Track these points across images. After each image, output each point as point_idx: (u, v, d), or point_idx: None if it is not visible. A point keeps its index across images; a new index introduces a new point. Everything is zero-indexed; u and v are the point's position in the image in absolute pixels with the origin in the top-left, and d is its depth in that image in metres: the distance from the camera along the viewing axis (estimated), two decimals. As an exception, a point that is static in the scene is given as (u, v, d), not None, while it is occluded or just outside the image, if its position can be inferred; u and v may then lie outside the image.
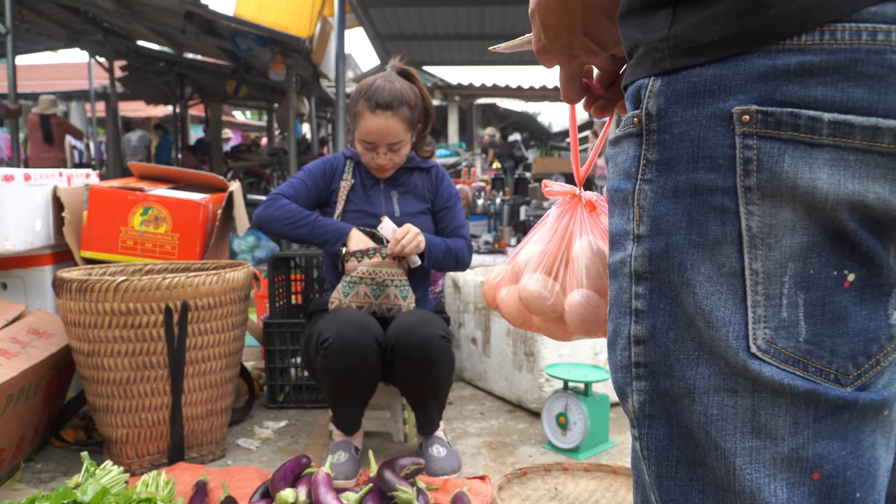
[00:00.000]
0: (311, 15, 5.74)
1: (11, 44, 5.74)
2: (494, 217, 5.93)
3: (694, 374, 0.53)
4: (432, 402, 1.98)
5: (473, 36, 7.61)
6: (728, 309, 0.51)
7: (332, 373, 1.82)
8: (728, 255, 0.51)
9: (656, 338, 0.55)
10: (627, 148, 0.56)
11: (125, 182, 2.64)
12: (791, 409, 0.50)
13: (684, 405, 0.54)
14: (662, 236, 0.53)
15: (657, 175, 0.54)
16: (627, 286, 0.57)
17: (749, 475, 0.51)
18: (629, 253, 0.56)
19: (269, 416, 2.47)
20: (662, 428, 0.55)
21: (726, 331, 0.51)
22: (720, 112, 0.50)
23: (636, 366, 0.56)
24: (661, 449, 0.56)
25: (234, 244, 5.54)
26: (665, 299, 0.54)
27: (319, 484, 1.62)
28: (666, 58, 0.52)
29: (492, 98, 12.71)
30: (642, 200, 0.55)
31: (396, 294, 1.97)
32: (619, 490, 1.83)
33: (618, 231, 0.58)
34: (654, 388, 0.55)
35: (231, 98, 10.22)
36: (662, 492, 0.56)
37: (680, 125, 0.52)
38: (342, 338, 1.78)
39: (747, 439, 0.51)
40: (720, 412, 0.52)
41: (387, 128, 1.95)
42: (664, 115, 0.53)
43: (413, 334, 1.82)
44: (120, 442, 1.95)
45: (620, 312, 0.58)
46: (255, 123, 20.51)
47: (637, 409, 0.57)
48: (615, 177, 0.59)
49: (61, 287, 1.93)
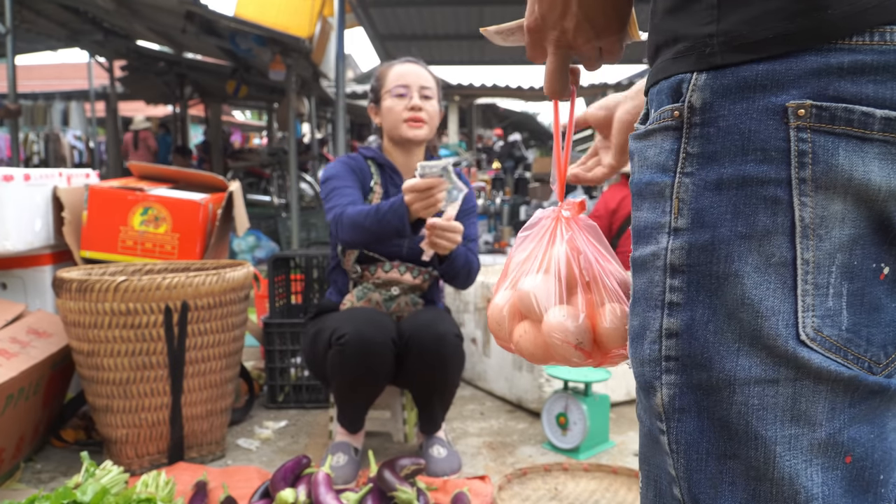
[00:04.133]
0: (311, 15, 5.74)
1: (11, 44, 5.73)
2: (494, 217, 5.92)
3: (735, 365, 0.53)
4: (439, 400, 1.97)
5: (473, 36, 7.61)
6: (777, 298, 0.52)
7: (347, 369, 1.80)
8: (778, 245, 0.52)
9: (693, 330, 0.55)
10: (661, 141, 0.57)
11: (125, 182, 2.64)
12: (830, 396, 0.52)
13: (722, 397, 0.54)
14: (706, 229, 0.54)
15: (699, 168, 0.54)
16: (660, 279, 0.57)
17: (788, 462, 0.53)
18: (664, 246, 0.56)
19: (269, 416, 2.47)
20: (692, 421, 0.56)
21: (776, 320, 0.52)
22: (773, 106, 0.51)
23: (667, 359, 0.57)
24: (691, 442, 0.56)
25: (234, 244, 5.54)
26: (704, 292, 0.54)
27: (319, 484, 1.62)
28: (716, 53, 0.53)
29: (492, 98, 12.70)
30: (682, 193, 0.55)
31: (407, 302, 1.97)
32: (619, 490, 1.83)
33: (648, 224, 0.58)
34: (686, 381, 0.56)
35: (231, 98, 10.21)
36: (692, 485, 0.56)
37: (727, 118, 0.52)
38: (360, 335, 1.76)
39: (787, 427, 0.52)
40: (761, 402, 0.53)
41: (418, 70, 1.97)
42: (709, 109, 0.53)
43: (428, 331, 1.82)
44: (120, 442, 1.95)
45: (650, 306, 0.58)
46: (255, 123, 20.50)
47: (667, 403, 0.57)
48: (645, 170, 0.59)
49: (61, 287, 1.93)
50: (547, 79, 0.71)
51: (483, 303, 2.69)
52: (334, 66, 5.42)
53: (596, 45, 0.67)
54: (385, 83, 1.98)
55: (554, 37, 0.66)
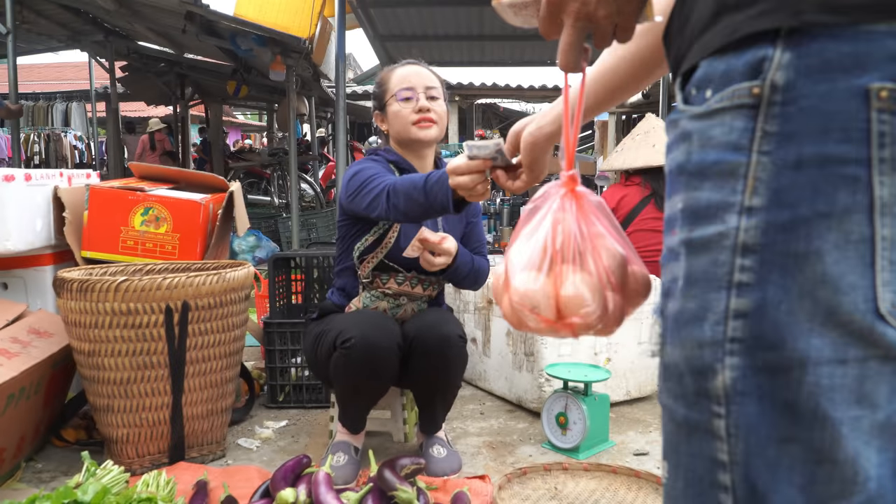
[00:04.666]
0: (311, 15, 5.74)
1: (12, 44, 5.73)
2: (494, 217, 5.92)
3: (807, 345, 0.54)
4: (440, 401, 1.98)
5: (473, 36, 7.60)
6: (856, 274, 0.53)
7: (351, 373, 1.80)
8: (858, 222, 0.52)
9: (765, 310, 0.55)
10: (732, 120, 0.56)
11: (126, 182, 2.64)
12: (892, 378, 0.53)
13: (792, 378, 0.54)
14: (785, 207, 0.54)
15: (776, 147, 0.54)
16: (727, 259, 0.56)
17: (852, 443, 0.53)
18: (734, 226, 0.56)
19: (270, 415, 2.47)
20: (753, 405, 0.56)
21: (854, 295, 0.53)
22: (855, 87, 0.52)
23: (731, 341, 0.56)
24: (752, 426, 0.56)
25: (235, 244, 5.54)
26: (777, 271, 0.55)
27: (319, 483, 1.62)
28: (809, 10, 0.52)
29: (492, 98, 12.69)
30: (760, 172, 0.55)
31: (413, 308, 1.97)
32: (618, 490, 1.83)
33: (710, 204, 0.58)
34: (751, 363, 0.56)
35: (231, 98, 10.22)
36: (750, 469, 0.57)
37: (809, 98, 0.53)
38: (366, 339, 1.75)
39: (852, 408, 0.53)
40: (831, 382, 0.53)
41: (422, 71, 1.95)
42: (793, 88, 0.54)
43: (433, 332, 1.82)
44: (120, 442, 1.95)
45: (713, 287, 0.58)
46: (255, 123, 20.50)
47: (729, 386, 0.57)
48: (707, 150, 0.58)
49: (62, 287, 1.93)
50: (562, 52, 0.69)
51: (483, 303, 2.70)
52: (334, 66, 5.42)
53: (614, 20, 0.66)
54: (389, 88, 1.94)
55: (575, 7, 0.65)
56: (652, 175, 3.11)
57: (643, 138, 3.23)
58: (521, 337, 2.48)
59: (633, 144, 3.25)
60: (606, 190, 3.36)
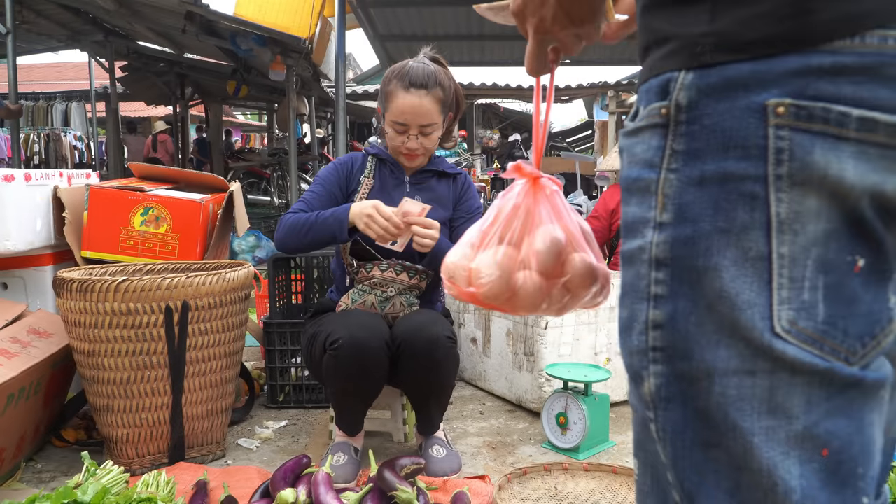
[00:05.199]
0: (311, 15, 5.74)
1: (12, 44, 5.74)
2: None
3: (714, 356, 0.54)
4: (435, 402, 1.97)
5: (473, 36, 7.61)
6: (753, 291, 0.53)
7: (341, 374, 1.80)
8: (755, 239, 0.53)
9: (676, 322, 0.56)
10: (649, 138, 0.58)
11: (125, 182, 2.64)
12: (806, 388, 0.53)
13: (702, 387, 0.55)
14: (688, 223, 0.55)
15: (683, 164, 0.56)
16: (646, 272, 0.58)
17: (766, 453, 0.53)
18: (649, 240, 0.58)
19: (270, 415, 2.47)
20: (678, 410, 0.57)
21: (751, 312, 0.53)
22: (754, 105, 0.52)
23: (653, 350, 0.58)
24: (677, 430, 0.57)
25: (235, 244, 5.54)
26: (686, 284, 0.56)
27: (319, 484, 1.62)
28: (707, 52, 0.54)
29: (492, 98, 12.69)
30: (667, 189, 0.56)
31: (402, 302, 1.97)
32: (618, 490, 1.83)
33: (635, 219, 0.60)
34: (671, 371, 0.57)
35: (231, 98, 10.22)
36: (678, 472, 0.58)
37: (711, 116, 0.54)
38: (353, 339, 1.76)
39: (764, 419, 0.53)
40: (739, 393, 0.54)
41: (420, 107, 1.90)
42: (695, 107, 0.55)
43: (420, 335, 1.81)
44: (120, 442, 1.95)
45: (637, 298, 0.59)
46: (255, 123, 20.50)
47: (653, 392, 0.58)
48: (632, 166, 0.60)
49: (62, 287, 1.93)
50: (526, 58, 0.75)
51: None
52: (334, 66, 5.42)
53: (572, 33, 0.70)
54: (389, 107, 1.93)
55: (533, 23, 0.70)
56: (652, 175, 3.11)
57: (643, 138, 3.24)
58: (521, 337, 2.48)
59: (633, 144, 3.25)
60: (606, 190, 3.36)
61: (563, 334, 2.41)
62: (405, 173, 2.04)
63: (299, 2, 5.75)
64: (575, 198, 7.73)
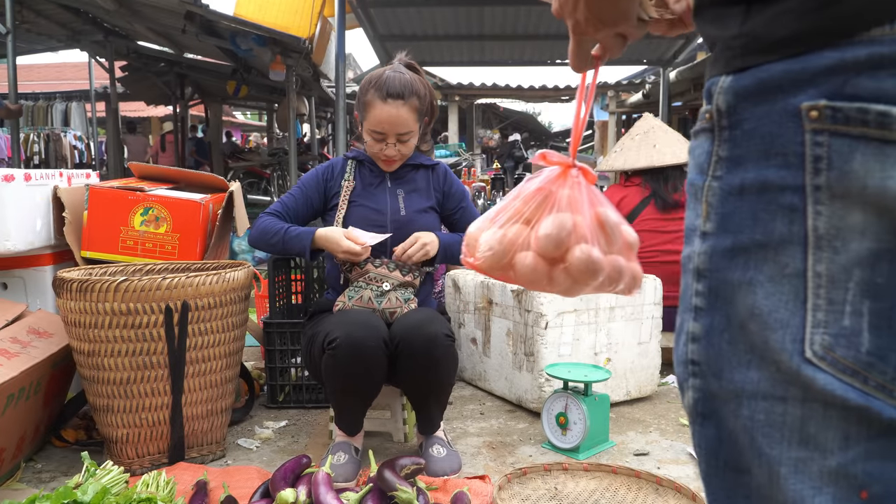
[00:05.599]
0: (311, 15, 5.74)
1: (12, 44, 5.74)
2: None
3: (744, 377, 0.51)
4: (434, 401, 1.98)
5: (473, 36, 7.60)
6: (788, 311, 0.49)
7: (339, 374, 1.81)
8: (792, 255, 0.49)
9: (710, 337, 0.54)
10: (703, 142, 0.56)
11: (125, 182, 2.64)
12: (842, 423, 0.48)
13: (732, 408, 0.53)
14: (728, 234, 0.53)
15: (726, 172, 0.53)
16: (691, 282, 0.56)
17: (793, 485, 0.49)
18: (695, 249, 0.56)
19: (270, 415, 2.47)
20: (713, 428, 0.55)
21: (783, 333, 0.49)
22: (790, 107, 0.49)
23: (691, 363, 0.56)
24: (711, 448, 0.56)
25: (234, 244, 5.54)
26: (722, 299, 0.53)
27: (319, 484, 1.62)
28: (738, 56, 0.52)
29: (492, 98, 12.70)
30: (711, 197, 0.54)
31: (398, 297, 1.98)
32: (618, 490, 1.83)
33: (689, 226, 0.58)
34: (706, 387, 0.55)
35: (231, 98, 10.23)
36: (709, 490, 0.56)
37: (751, 121, 0.51)
38: (351, 338, 1.77)
39: (794, 449, 0.49)
40: (767, 418, 0.50)
41: (398, 117, 1.95)
42: (734, 112, 0.52)
43: (418, 333, 1.82)
44: (120, 442, 1.95)
45: (684, 307, 0.58)
46: (255, 123, 20.50)
47: (691, 406, 0.57)
48: (691, 170, 0.59)
49: (62, 287, 1.93)
50: (569, 55, 0.76)
51: (483, 303, 2.70)
52: (334, 66, 5.42)
53: (609, 33, 0.70)
54: (367, 116, 1.99)
55: (570, 25, 0.70)
56: (652, 176, 3.10)
57: (643, 138, 3.23)
58: (521, 337, 2.48)
59: (633, 144, 3.24)
60: (606, 190, 3.36)
61: (563, 334, 2.41)
62: (385, 171, 2.11)
63: (299, 2, 5.76)
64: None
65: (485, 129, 14.13)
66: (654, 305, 2.62)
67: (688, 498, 1.74)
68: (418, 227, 2.04)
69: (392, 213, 2.05)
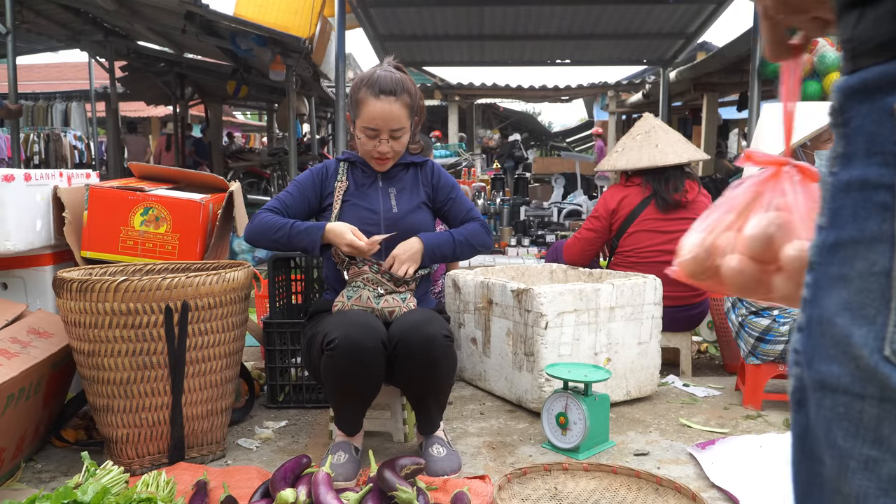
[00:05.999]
0: (311, 15, 5.75)
1: (12, 44, 5.74)
2: (494, 217, 5.91)
3: (829, 370, 0.53)
4: (434, 401, 1.98)
5: (473, 36, 7.61)
6: (873, 308, 0.50)
7: (338, 374, 1.82)
8: (881, 253, 0.50)
9: (810, 328, 0.56)
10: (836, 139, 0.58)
11: (125, 182, 2.64)
12: None
13: (816, 399, 0.54)
14: (834, 229, 0.54)
15: (840, 168, 0.54)
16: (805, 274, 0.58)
17: (859, 482, 0.50)
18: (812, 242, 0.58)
19: (269, 415, 2.47)
20: (804, 417, 0.56)
21: (866, 330, 0.50)
22: (887, 107, 0.50)
23: (795, 352, 0.58)
24: (800, 436, 0.57)
25: (234, 244, 5.54)
26: (822, 292, 0.55)
27: (319, 484, 1.62)
28: (849, 59, 0.53)
29: (492, 98, 12.70)
30: (825, 192, 0.56)
31: (396, 297, 1.99)
32: (618, 490, 1.83)
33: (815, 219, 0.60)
34: (801, 375, 0.57)
35: (231, 98, 10.23)
36: (794, 477, 0.58)
37: (857, 119, 0.52)
38: (349, 339, 1.78)
39: (867, 447, 0.50)
40: (847, 412, 0.51)
41: (390, 112, 1.97)
42: (844, 111, 0.54)
43: (416, 333, 1.82)
44: (120, 442, 1.95)
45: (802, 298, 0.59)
46: (255, 123, 20.50)
47: (791, 392, 0.58)
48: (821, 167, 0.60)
49: (62, 287, 1.93)
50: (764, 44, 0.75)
51: (483, 303, 2.70)
52: (334, 66, 5.42)
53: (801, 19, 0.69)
54: (360, 114, 2.01)
55: (760, 10, 0.71)
56: (653, 175, 3.09)
57: (644, 138, 3.23)
58: (521, 337, 2.48)
59: (635, 144, 3.24)
60: (606, 190, 3.35)
61: (563, 334, 2.41)
62: (376, 171, 2.12)
63: (299, 2, 5.76)
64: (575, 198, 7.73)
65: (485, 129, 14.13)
66: (654, 305, 2.62)
67: (688, 498, 1.74)
68: (411, 225, 2.06)
69: (385, 212, 2.07)
